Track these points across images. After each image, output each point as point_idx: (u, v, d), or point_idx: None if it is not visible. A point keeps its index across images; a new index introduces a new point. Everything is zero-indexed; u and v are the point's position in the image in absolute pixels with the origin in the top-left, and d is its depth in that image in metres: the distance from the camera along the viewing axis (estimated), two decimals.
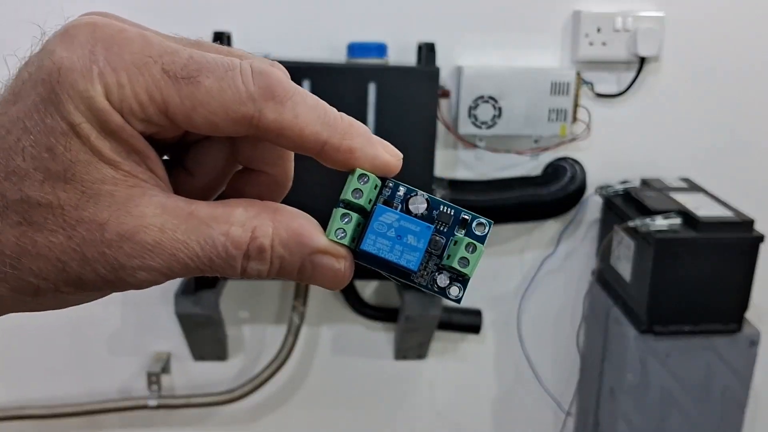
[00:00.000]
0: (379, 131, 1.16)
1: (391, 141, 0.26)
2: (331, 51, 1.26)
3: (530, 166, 1.36)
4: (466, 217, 0.26)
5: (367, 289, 1.42)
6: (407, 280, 0.26)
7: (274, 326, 1.43)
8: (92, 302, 0.26)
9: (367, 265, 0.26)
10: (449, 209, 0.26)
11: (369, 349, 1.47)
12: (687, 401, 1.25)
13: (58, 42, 0.23)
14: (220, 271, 0.24)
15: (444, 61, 1.26)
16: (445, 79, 1.29)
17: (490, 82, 1.27)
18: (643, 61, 1.30)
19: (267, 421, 1.50)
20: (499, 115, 1.28)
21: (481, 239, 0.26)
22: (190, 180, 0.28)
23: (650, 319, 1.20)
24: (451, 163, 1.34)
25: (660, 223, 1.17)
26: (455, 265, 0.25)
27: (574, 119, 1.32)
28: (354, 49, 1.21)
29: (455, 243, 0.26)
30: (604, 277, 1.36)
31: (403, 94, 1.17)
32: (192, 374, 1.44)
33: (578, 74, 1.29)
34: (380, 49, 1.22)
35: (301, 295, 1.37)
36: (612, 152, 1.37)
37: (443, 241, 0.26)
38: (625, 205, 1.27)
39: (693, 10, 1.32)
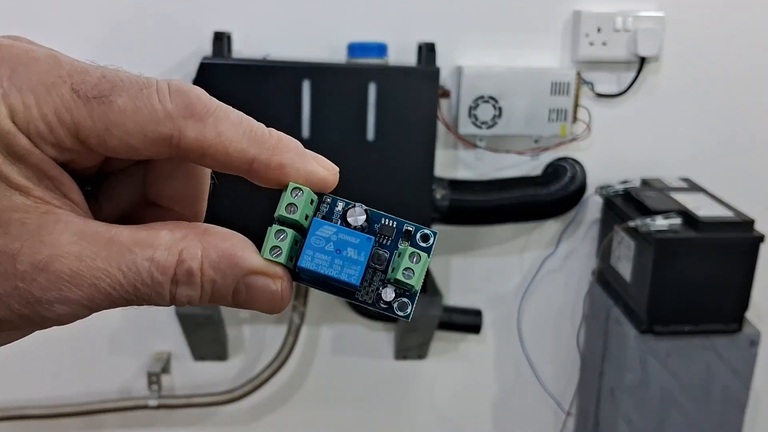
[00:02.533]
0: (380, 131, 1.16)
1: (392, 141, 0.25)
2: (331, 51, 1.26)
3: (530, 166, 1.36)
4: (409, 228, 0.25)
5: None
6: (351, 298, 0.25)
7: (274, 326, 1.43)
8: None
9: (307, 284, 0.25)
10: (391, 221, 0.25)
11: (369, 349, 1.47)
12: (687, 401, 1.25)
13: None
14: (147, 300, 0.22)
15: (444, 61, 1.26)
16: (446, 79, 1.29)
17: (490, 82, 1.27)
18: (643, 61, 1.30)
19: (267, 421, 1.50)
20: (500, 115, 1.28)
21: (426, 249, 0.25)
22: (104, 213, 0.26)
23: (650, 319, 1.20)
24: (451, 163, 1.34)
25: (660, 223, 1.17)
26: (399, 276, 0.24)
27: (575, 119, 1.32)
28: (354, 49, 1.21)
29: (399, 255, 0.25)
30: (605, 277, 1.36)
31: (404, 94, 1.17)
32: (192, 374, 1.44)
33: (578, 74, 1.29)
34: (380, 49, 1.22)
35: (301, 295, 1.37)
36: (612, 152, 1.37)
37: (386, 255, 0.25)
38: (625, 205, 1.27)
39: (693, 10, 1.32)
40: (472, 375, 1.51)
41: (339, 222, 0.25)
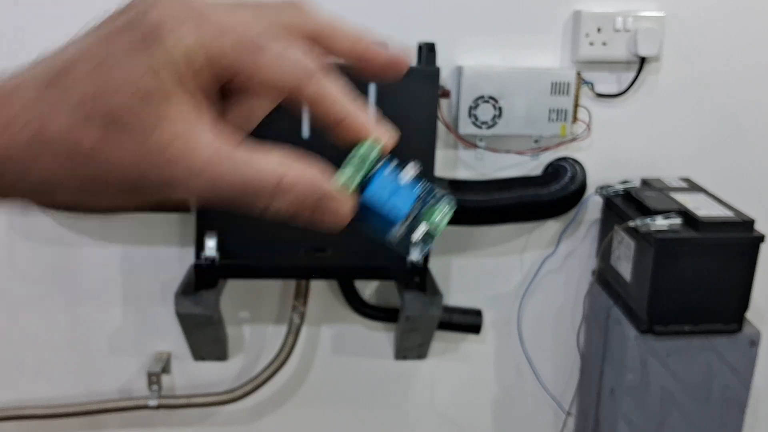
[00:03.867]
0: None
1: None
2: None
3: (530, 166, 1.36)
4: (437, 193, 0.32)
5: (368, 290, 1.42)
6: (386, 234, 0.31)
7: (274, 326, 1.43)
8: (91, 302, 0.27)
9: (359, 221, 0.31)
10: (426, 185, 0.32)
11: (369, 349, 1.47)
12: (687, 401, 1.25)
13: (158, 2, 0.27)
14: (247, 204, 0.28)
15: (444, 61, 1.26)
16: (446, 79, 1.29)
17: (490, 82, 1.27)
18: (643, 61, 1.30)
19: (267, 421, 1.50)
20: (500, 115, 1.28)
21: (452, 207, 0.32)
22: (231, 116, 0.32)
23: (651, 319, 1.20)
24: (452, 163, 1.35)
25: (660, 223, 1.17)
26: (434, 217, 0.31)
27: (575, 119, 1.32)
28: None
29: (429, 209, 0.32)
30: (605, 277, 1.36)
31: (404, 94, 1.17)
32: (192, 374, 1.45)
33: (578, 74, 1.29)
34: None
35: (301, 295, 1.37)
36: (612, 152, 1.37)
37: (419, 208, 0.31)
38: (625, 205, 1.27)
39: (693, 10, 1.32)
40: (472, 375, 1.51)
41: (396, 172, 0.32)
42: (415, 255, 0.30)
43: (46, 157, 0.26)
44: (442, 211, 0.32)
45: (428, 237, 0.31)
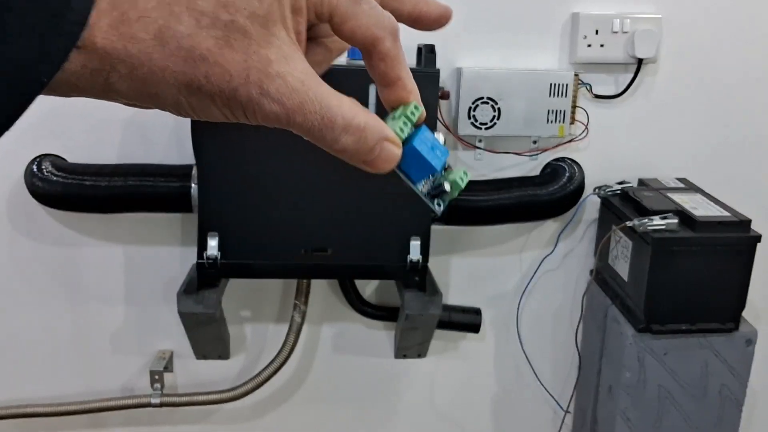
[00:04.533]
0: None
1: None
2: None
3: (529, 166, 1.37)
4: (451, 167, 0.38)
5: (368, 289, 1.43)
6: (414, 184, 0.36)
7: (275, 325, 1.44)
8: (94, 301, 0.27)
9: (406, 158, 0.35)
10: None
11: (369, 347, 1.48)
12: (684, 399, 1.26)
13: None
14: (320, 136, 0.31)
15: (444, 63, 1.27)
16: (445, 80, 1.30)
17: (489, 83, 1.28)
18: (640, 62, 1.31)
19: (269, 419, 1.51)
20: (498, 116, 1.29)
21: (467, 176, 0.37)
22: (311, 54, 0.36)
23: (648, 317, 1.21)
24: (451, 163, 1.35)
25: (657, 223, 1.18)
26: (457, 178, 0.36)
27: (573, 120, 1.33)
28: (354, 50, 1.22)
29: (447, 172, 0.37)
30: (603, 277, 1.37)
31: None
32: (194, 372, 1.45)
33: (576, 76, 1.30)
34: None
35: (302, 294, 1.38)
36: (610, 153, 1.38)
37: (439, 174, 0.37)
38: (622, 205, 1.28)
39: (690, 12, 1.33)
40: (471, 373, 1.52)
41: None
42: (437, 207, 0.33)
43: (162, 53, 0.28)
44: (463, 176, 0.37)
45: (450, 192, 0.37)
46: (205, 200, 1.21)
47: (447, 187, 0.37)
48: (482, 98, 1.28)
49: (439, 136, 0.37)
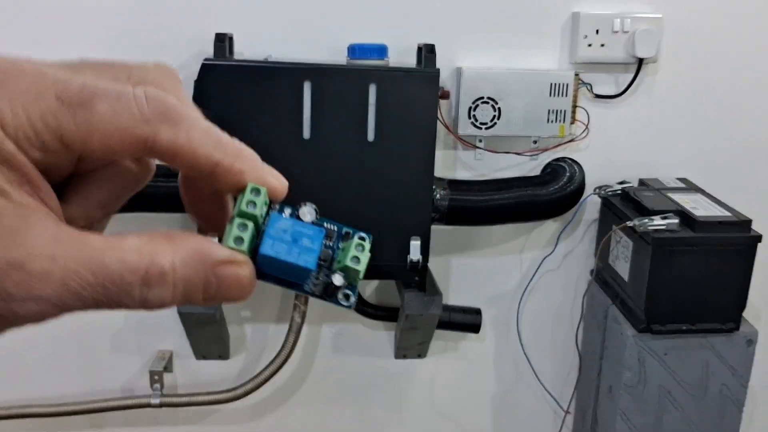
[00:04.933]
0: (380, 132, 1.17)
1: (392, 142, 0.27)
2: (331, 53, 1.27)
3: (529, 166, 1.37)
4: (348, 231, 0.29)
5: (368, 289, 1.43)
6: (301, 290, 0.28)
7: (275, 325, 1.44)
8: None
9: (264, 274, 0.27)
10: (333, 225, 0.29)
11: (369, 348, 1.48)
12: (685, 399, 1.26)
13: None
14: (117, 301, 0.23)
15: (444, 63, 1.27)
16: (445, 80, 1.30)
17: (489, 83, 1.28)
18: (641, 62, 1.31)
19: (269, 419, 1.51)
20: (499, 116, 1.29)
21: (368, 242, 0.28)
22: (72, 210, 0.27)
23: (648, 318, 1.21)
24: (451, 163, 1.35)
25: (658, 223, 1.18)
26: (348, 263, 0.27)
27: (573, 120, 1.32)
28: (354, 50, 1.22)
29: (343, 250, 0.28)
30: (603, 277, 1.37)
31: (404, 96, 1.17)
32: (194, 373, 1.45)
33: (577, 75, 1.30)
34: (381, 51, 1.22)
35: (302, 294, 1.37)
36: (610, 153, 1.38)
37: (331, 253, 0.28)
38: (623, 205, 1.28)
39: (691, 12, 1.33)
40: (471, 374, 1.52)
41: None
42: (345, 303, 0.28)
43: None
44: (357, 251, 0.28)
45: (350, 282, 0.28)
46: None
47: (337, 281, 0.27)
48: (482, 98, 1.28)
49: (305, 213, 0.28)
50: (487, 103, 1.28)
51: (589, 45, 1.30)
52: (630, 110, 1.36)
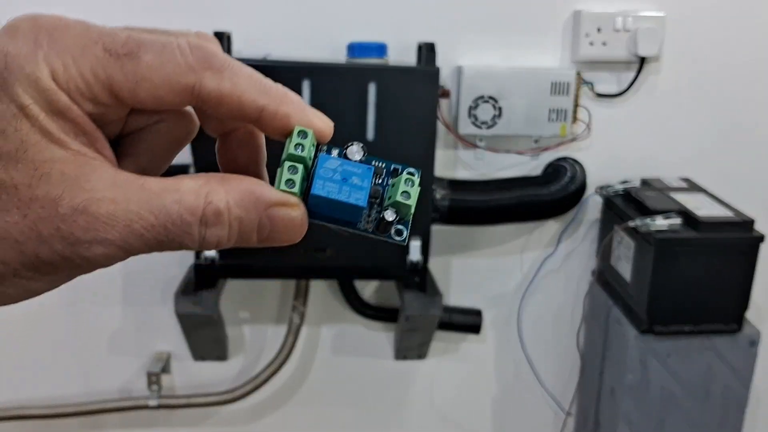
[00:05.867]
0: (380, 131, 1.16)
1: (392, 141, 0.27)
2: (331, 51, 1.26)
3: (530, 166, 1.36)
4: (397, 167, 0.29)
5: (368, 289, 1.42)
6: (354, 228, 0.28)
7: (274, 326, 1.43)
8: (91, 302, 0.26)
9: (316, 214, 0.27)
10: (381, 163, 0.29)
11: (369, 349, 1.47)
12: (687, 401, 1.25)
13: (2, 35, 0.24)
14: (179, 241, 0.24)
15: (444, 61, 1.26)
16: (445, 79, 1.29)
17: (490, 82, 1.27)
18: (643, 61, 1.30)
19: (267, 421, 1.50)
20: (499, 115, 1.28)
21: (417, 176, 0.28)
22: (127, 166, 0.28)
23: (650, 319, 1.20)
24: (451, 163, 1.35)
25: (660, 223, 1.17)
26: (398, 198, 0.27)
27: (575, 119, 1.32)
28: (354, 49, 1.21)
29: (393, 186, 0.28)
30: (605, 277, 1.36)
31: (404, 94, 1.17)
32: (192, 374, 1.45)
33: (578, 74, 1.29)
34: (380, 49, 1.22)
35: (301, 295, 1.37)
36: (612, 152, 1.37)
37: (381, 190, 0.28)
38: (625, 205, 1.27)
39: (693, 10, 1.32)
40: (472, 375, 1.51)
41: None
42: (399, 239, 0.28)
43: None
44: (407, 186, 0.28)
45: (402, 218, 0.28)
46: None
47: (389, 216, 0.27)
48: (483, 97, 1.27)
49: (354, 152, 0.28)
50: (488, 102, 1.27)
51: (591, 43, 1.29)
52: (632, 109, 1.35)
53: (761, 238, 1.18)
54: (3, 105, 0.23)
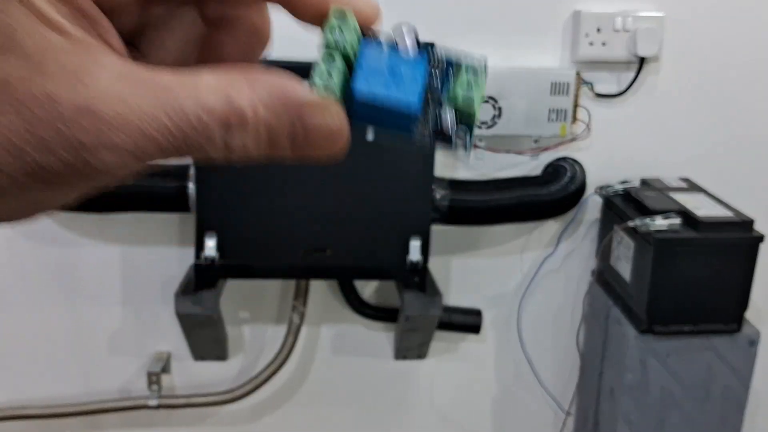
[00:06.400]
0: (380, 131, 1.16)
1: (392, 141, 0.24)
2: None
3: (530, 166, 1.36)
4: (458, 60, 0.24)
5: (367, 289, 1.42)
6: (408, 131, 0.23)
7: (274, 326, 1.43)
8: (91, 302, 0.24)
9: (359, 120, 0.22)
10: (438, 51, 0.23)
11: (369, 349, 1.47)
12: (687, 401, 1.25)
13: None
14: (198, 148, 0.20)
15: None
16: None
17: (490, 81, 1.26)
18: (642, 61, 1.30)
19: (267, 421, 1.50)
20: (499, 115, 1.28)
21: (482, 72, 0.23)
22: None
23: (650, 319, 1.20)
24: (451, 163, 1.35)
25: (660, 223, 1.17)
26: (460, 102, 0.22)
27: (574, 119, 1.32)
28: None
29: (453, 84, 0.23)
30: (604, 277, 1.36)
31: None
32: (192, 374, 1.45)
33: (578, 74, 1.29)
34: None
35: (301, 295, 1.37)
36: (612, 152, 1.37)
37: (439, 86, 0.23)
38: (624, 205, 1.27)
39: (693, 11, 1.32)
40: (471, 375, 1.51)
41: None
42: (460, 150, 0.22)
43: None
44: (470, 80, 0.22)
45: (465, 119, 0.23)
46: (203, 200, 1.20)
47: (448, 119, 0.22)
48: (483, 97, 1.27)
49: (404, 38, 0.23)
50: (488, 102, 1.27)
51: (591, 44, 1.29)
52: (631, 109, 1.35)
53: (761, 238, 1.18)
54: None
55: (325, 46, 0.22)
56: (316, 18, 0.23)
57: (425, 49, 0.23)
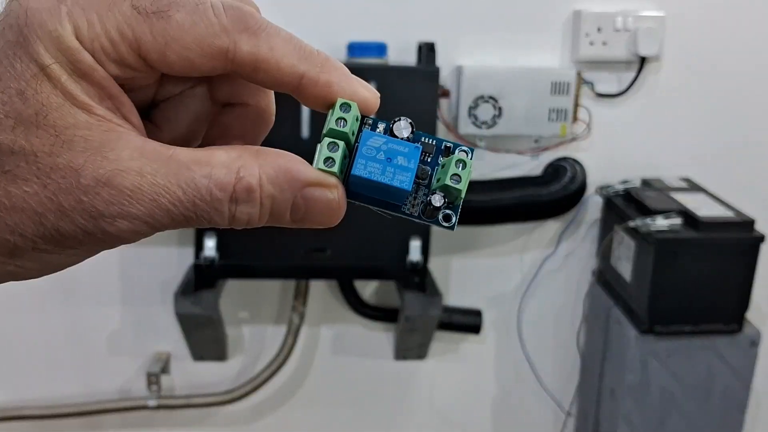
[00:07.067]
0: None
1: None
2: (330, 50, 1.25)
3: (530, 166, 1.36)
4: (448, 145, 0.27)
5: (367, 290, 1.42)
6: (398, 211, 0.26)
7: (273, 326, 1.43)
8: (91, 303, 0.25)
9: (357, 196, 0.25)
10: (431, 140, 0.26)
11: (369, 349, 1.47)
12: (688, 402, 1.25)
13: None
14: (207, 218, 0.23)
15: (444, 61, 1.26)
16: (445, 78, 1.29)
17: (490, 81, 1.26)
18: (643, 60, 1.30)
19: (267, 422, 1.50)
20: (500, 115, 1.27)
21: (469, 160, 0.26)
22: (161, 136, 0.27)
23: (651, 319, 1.20)
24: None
25: (660, 223, 1.17)
26: (448, 182, 0.25)
27: (575, 119, 1.31)
28: (354, 48, 1.21)
29: (442, 167, 0.26)
30: (605, 277, 1.36)
31: (404, 94, 1.16)
32: (192, 374, 1.44)
33: (579, 74, 1.29)
34: (380, 49, 1.21)
35: (300, 295, 1.37)
36: (612, 152, 1.37)
37: (429, 170, 0.26)
38: (625, 205, 1.27)
39: (693, 10, 1.32)
40: (472, 375, 1.51)
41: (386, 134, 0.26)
42: (447, 225, 0.24)
43: None
44: (459, 167, 0.25)
45: (451, 202, 0.25)
46: None
47: (437, 201, 0.25)
48: (483, 97, 1.26)
49: (401, 128, 0.26)
50: (488, 102, 1.27)
51: (591, 43, 1.28)
52: (632, 109, 1.35)
53: (761, 238, 1.18)
54: (23, 64, 0.21)
55: (328, 134, 0.24)
56: (323, 106, 0.25)
57: (418, 138, 0.26)
